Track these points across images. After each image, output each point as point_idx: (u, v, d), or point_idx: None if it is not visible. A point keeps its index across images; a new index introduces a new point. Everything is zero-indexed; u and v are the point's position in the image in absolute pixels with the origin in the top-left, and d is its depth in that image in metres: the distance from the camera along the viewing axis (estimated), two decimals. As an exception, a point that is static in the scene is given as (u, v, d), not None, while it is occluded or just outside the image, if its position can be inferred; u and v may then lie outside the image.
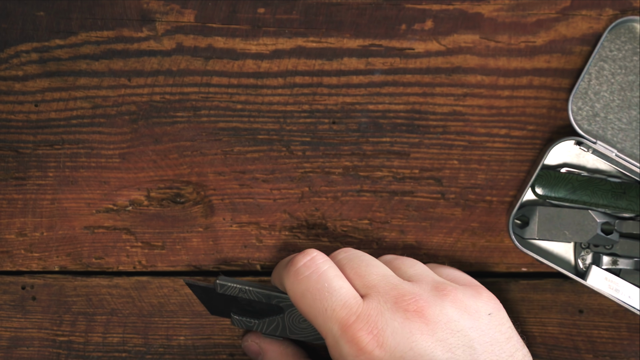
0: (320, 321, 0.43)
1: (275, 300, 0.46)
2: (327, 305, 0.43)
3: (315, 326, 0.44)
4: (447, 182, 0.57)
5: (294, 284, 0.44)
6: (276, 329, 0.47)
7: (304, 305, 0.43)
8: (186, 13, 0.55)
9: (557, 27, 0.56)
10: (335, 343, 0.42)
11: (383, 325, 0.42)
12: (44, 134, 0.56)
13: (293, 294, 0.44)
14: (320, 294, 0.43)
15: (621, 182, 0.56)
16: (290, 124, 0.57)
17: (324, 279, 0.44)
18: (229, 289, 0.46)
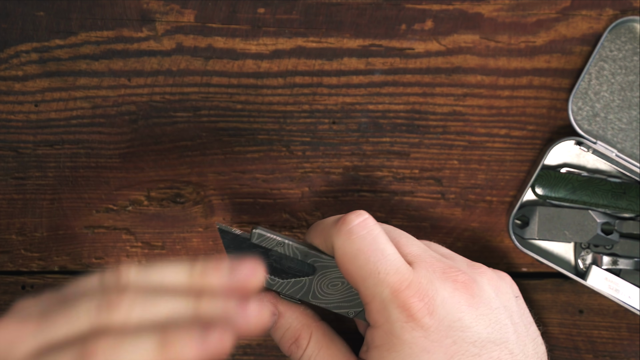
0: (369, 283, 0.42)
1: (312, 259, 0.44)
2: (381, 268, 0.43)
3: (361, 288, 0.43)
4: (447, 182, 0.57)
5: (347, 242, 0.43)
6: (299, 291, 0.45)
7: (353, 265, 0.43)
8: (186, 13, 0.55)
9: (557, 27, 0.56)
10: (383, 307, 0.42)
11: (434, 294, 0.43)
12: (44, 134, 0.56)
13: (343, 252, 0.43)
14: (375, 256, 0.43)
15: (621, 182, 0.56)
16: (290, 124, 0.57)
17: (379, 242, 0.43)
18: (266, 240, 0.43)
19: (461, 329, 0.43)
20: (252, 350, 0.58)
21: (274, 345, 0.58)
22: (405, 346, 0.42)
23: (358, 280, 0.43)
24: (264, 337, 0.58)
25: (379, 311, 0.42)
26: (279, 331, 0.47)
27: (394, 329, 0.42)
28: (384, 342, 0.42)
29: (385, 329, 0.42)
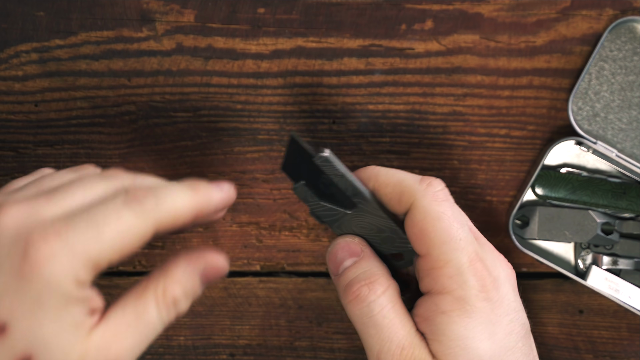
0: (447, 248, 0.43)
1: (358, 200, 0.44)
2: (462, 236, 0.43)
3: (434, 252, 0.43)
4: (447, 182, 0.57)
5: (432, 203, 0.43)
6: (328, 216, 0.45)
7: (434, 227, 0.43)
8: (186, 13, 0.55)
9: (557, 27, 0.56)
10: (459, 273, 0.43)
11: (498, 273, 0.44)
12: (44, 134, 0.56)
13: (427, 212, 0.43)
14: (457, 223, 0.43)
15: (621, 182, 0.56)
16: (290, 124, 0.57)
17: (459, 211, 0.44)
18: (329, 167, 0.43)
19: (515, 310, 0.44)
20: (252, 350, 0.58)
21: (274, 345, 0.58)
22: (477, 314, 0.43)
23: (435, 243, 0.43)
24: (263, 338, 0.58)
25: (453, 277, 0.43)
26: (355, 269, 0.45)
27: (469, 295, 0.43)
28: (454, 308, 0.43)
29: (457, 294, 0.43)
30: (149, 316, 0.43)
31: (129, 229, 0.41)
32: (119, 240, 0.41)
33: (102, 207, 0.41)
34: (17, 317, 0.40)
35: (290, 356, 0.59)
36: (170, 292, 0.43)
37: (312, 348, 0.58)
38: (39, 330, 0.40)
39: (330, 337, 0.58)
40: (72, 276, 0.40)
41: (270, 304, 0.59)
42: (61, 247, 0.40)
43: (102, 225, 0.41)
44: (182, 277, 0.44)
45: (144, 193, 0.42)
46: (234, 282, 0.58)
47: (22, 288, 0.40)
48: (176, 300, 0.43)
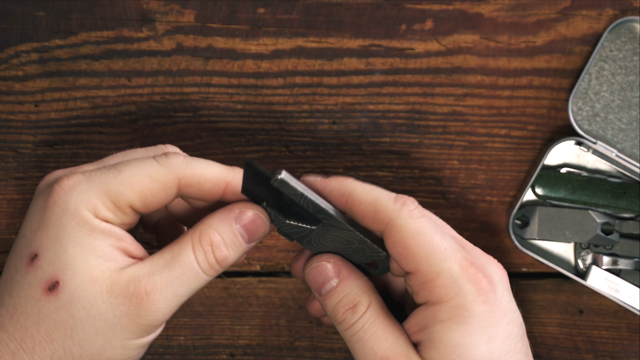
0: (435, 260, 0.43)
1: (322, 216, 0.44)
2: (447, 245, 0.43)
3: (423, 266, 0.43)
4: (447, 182, 0.57)
5: (409, 221, 0.44)
6: (297, 234, 0.45)
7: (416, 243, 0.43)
8: (186, 13, 0.55)
9: (557, 27, 0.56)
10: (453, 282, 0.43)
11: (492, 275, 0.44)
12: (44, 134, 0.56)
13: (406, 230, 0.43)
14: (438, 235, 0.43)
15: (621, 182, 0.56)
16: (290, 124, 0.57)
17: (437, 223, 0.45)
18: (287, 188, 0.42)
19: (512, 310, 0.44)
20: (252, 350, 0.58)
21: (274, 345, 0.58)
22: (476, 319, 0.43)
23: (421, 258, 0.43)
24: (263, 338, 0.58)
25: (447, 286, 0.43)
26: (337, 295, 0.46)
27: (466, 302, 0.43)
28: (451, 316, 0.43)
29: (454, 302, 0.43)
30: (184, 257, 0.44)
31: (149, 174, 0.43)
32: (137, 181, 0.43)
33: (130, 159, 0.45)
34: (45, 246, 0.43)
35: (290, 356, 0.59)
36: (206, 235, 0.45)
37: (312, 348, 0.58)
38: (63, 255, 0.43)
39: (330, 337, 0.58)
40: (89, 206, 0.43)
41: (270, 304, 0.59)
42: (81, 182, 0.43)
43: (123, 167, 0.44)
44: (219, 224, 0.45)
45: (176, 153, 0.45)
46: (234, 282, 0.58)
47: (47, 217, 0.43)
48: (212, 244, 0.44)
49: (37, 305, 0.42)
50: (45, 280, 0.43)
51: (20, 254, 0.44)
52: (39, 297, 0.42)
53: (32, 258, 0.43)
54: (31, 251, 0.43)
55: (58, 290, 0.42)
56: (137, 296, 0.43)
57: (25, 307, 0.43)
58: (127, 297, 0.43)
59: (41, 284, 0.43)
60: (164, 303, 0.43)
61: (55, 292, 0.42)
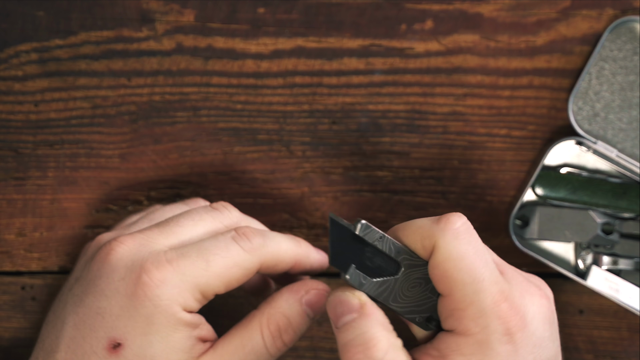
0: (470, 290, 0.42)
1: (402, 257, 0.43)
2: (485, 276, 0.42)
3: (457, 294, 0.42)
4: (447, 182, 0.57)
5: (453, 242, 0.42)
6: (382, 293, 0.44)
7: (456, 268, 0.42)
8: (186, 13, 0.55)
9: (558, 27, 0.56)
10: (481, 316, 0.41)
11: (525, 310, 0.43)
12: (43, 134, 0.56)
13: (448, 252, 0.42)
14: (480, 262, 0.42)
15: (621, 182, 0.55)
16: (290, 124, 0.57)
17: (482, 248, 0.43)
18: (370, 233, 0.43)
19: (542, 347, 0.43)
20: (252, 351, 0.58)
21: (274, 346, 0.58)
22: (497, 358, 0.41)
23: (457, 284, 0.42)
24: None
25: (475, 319, 0.42)
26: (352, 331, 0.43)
27: (491, 340, 0.41)
28: (474, 352, 0.42)
29: (478, 338, 0.42)
30: (253, 343, 0.46)
31: (236, 263, 0.45)
32: (226, 271, 0.45)
33: (212, 241, 0.45)
34: (131, 337, 0.44)
35: (290, 356, 0.58)
36: (274, 321, 0.46)
37: (312, 348, 0.58)
38: (149, 349, 0.44)
39: (330, 337, 0.58)
40: (180, 301, 0.44)
41: (270, 304, 0.58)
42: (172, 274, 0.44)
43: (211, 256, 0.45)
44: (285, 305, 0.47)
45: (253, 232, 0.46)
46: (234, 282, 0.58)
47: (136, 309, 0.44)
48: (280, 329, 0.46)
49: None
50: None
51: (98, 335, 0.44)
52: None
53: (115, 346, 0.44)
54: (113, 337, 0.44)
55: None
56: None
57: None
58: None
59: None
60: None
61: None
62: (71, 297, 0.46)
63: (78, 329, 0.44)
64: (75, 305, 0.45)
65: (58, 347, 0.45)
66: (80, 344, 0.44)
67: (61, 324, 0.45)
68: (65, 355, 0.44)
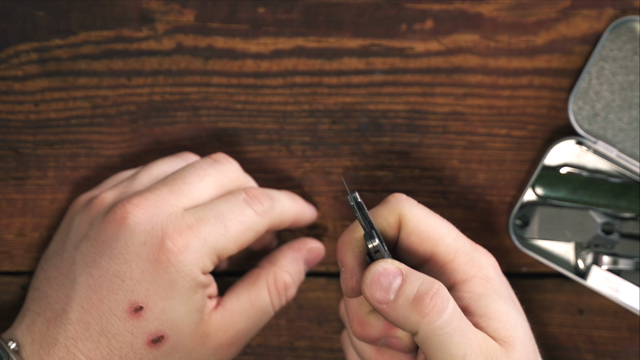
0: (449, 239, 0.44)
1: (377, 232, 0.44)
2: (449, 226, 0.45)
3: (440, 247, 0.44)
4: (447, 182, 0.57)
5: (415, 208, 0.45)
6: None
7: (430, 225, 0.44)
8: (186, 13, 0.55)
9: (558, 27, 0.56)
10: (471, 258, 0.44)
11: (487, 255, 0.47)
12: (43, 134, 0.56)
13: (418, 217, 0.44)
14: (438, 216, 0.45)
15: (622, 182, 0.55)
16: (290, 124, 0.57)
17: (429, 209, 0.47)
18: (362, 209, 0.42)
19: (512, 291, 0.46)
20: (252, 350, 0.58)
21: (274, 345, 0.58)
22: (503, 289, 0.44)
23: (437, 240, 0.44)
24: (263, 338, 0.58)
25: (468, 262, 0.44)
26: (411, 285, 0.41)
27: (489, 274, 0.44)
28: (487, 288, 0.44)
29: (482, 275, 0.44)
30: (262, 302, 0.49)
31: (250, 227, 0.48)
32: (241, 235, 0.47)
33: (227, 204, 0.48)
34: (153, 300, 0.45)
35: (290, 356, 0.59)
36: (281, 279, 0.50)
37: (312, 348, 0.58)
38: (171, 312, 0.45)
39: (330, 337, 0.58)
40: (201, 265, 0.46)
41: (270, 304, 0.59)
42: (194, 240, 0.46)
43: (229, 221, 0.47)
44: (290, 265, 0.51)
45: (262, 195, 0.49)
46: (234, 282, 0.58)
47: (159, 274, 0.45)
48: (286, 286, 0.50)
49: (137, 353, 0.45)
50: (149, 333, 0.45)
51: (117, 298, 0.45)
52: (140, 346, 0.45)
53: (136, 309, 0.45)
54: (134, 301, 0.45)
55: (161, 344, 0.45)
56: (223, 346, 0.48)
57: (125, 352, 0.45)
58: (216, 347, 0.47)
59: (144, 336, 0.45)
60: (244, 343, 0.49)
61: (159, 345, 0.45)
62: (80, 255, 0.47)
63: (94, 290, 0.45)
64: (87, 266, 0.46)
65: (70, 307, 0.45)
66: (96, 305, 0.45)
67: (71, 283, 0.46)
68: (80, 316, 0.45)
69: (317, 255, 0.53)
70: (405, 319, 0.40)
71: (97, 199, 0.49)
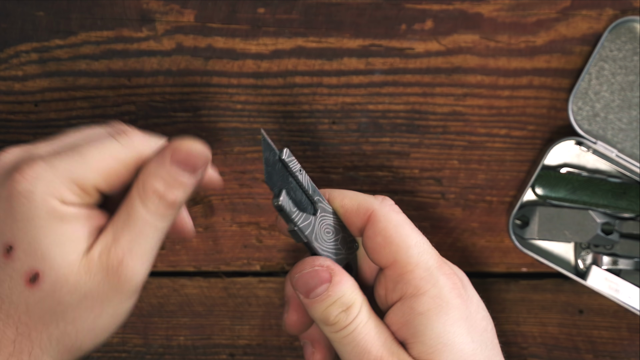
0: (414, 251, 0.44)
1: (317, 198, 0.45)
2: (422, 241, 0.45)
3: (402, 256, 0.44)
4: (447, 182, 0.57)
5: (391, 212, 0.45)
6: (308, 227, 0.45)
7: (397, 233, 0.44)
8: (186, 13, 0.55)
9: (557, 27, 0.56)
10: (430, 274, 0.44)
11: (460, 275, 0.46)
12: (43, 134, 0.56)
13: (388, 220, 0.45)
14: (415, 230, 0.45)
15: (621, 182, 0.55)
16: (290, 124, 0.57)
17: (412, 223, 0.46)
18: (293, 162, 0.44)
19: (484, 309, 0.45)
20: (252, 350, 0.58)
21: (274, 345, 0.58)
22: (454, 310, 0.43)
23: (401, 248, 0.44)
24: (263, 338, 0.58)
25: (424, 277, 0.44)
26: (331, 298, 0.45)
27: (443, 293, 0.44)
28: (431, 307, 0.43)
29: (432, 293, 0.44)
30: (137, 212, 0.44)
31: (111, 154, 0.44)
32: (101, 163, 0.44)
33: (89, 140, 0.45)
34: (19, 237, 0.43)
35: (290, 356, 0.59)
36: (149, 185, 0.45)
37: (312, 348, 0.58)
38: (37, 246, 0.43)
39: (330, 337, 0.58)
40: (57, 195, 0.43)
41: (270, 304, 0.59)
42: (44, 169, 0.43)
43: (84, 149, 0.44)
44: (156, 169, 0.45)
45: (132, 130, 0.45)
46: (234, 282, 0.58)
47: (15, 209, 0.43)
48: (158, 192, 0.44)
49: (23, 296, 0.43)
50: (24, 272, 0.43)
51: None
52: (22, 288, 0.43)
53: (8, 250, 0.43)
54: (5, 242, 0.43)
55: (40, 281, 0.43)
56: (111, 267, 0.43)
57: (12, 297, 0.43)
58: (104, 271, 0.43)
59: (21, 276, 0.43)
60: (138, 263, 0.44)
61: (38, 283, 0.43)
62: None
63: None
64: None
65: None
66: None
67: None
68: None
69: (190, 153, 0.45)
70: (316, 319, 0.45)
71: None
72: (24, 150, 0.45)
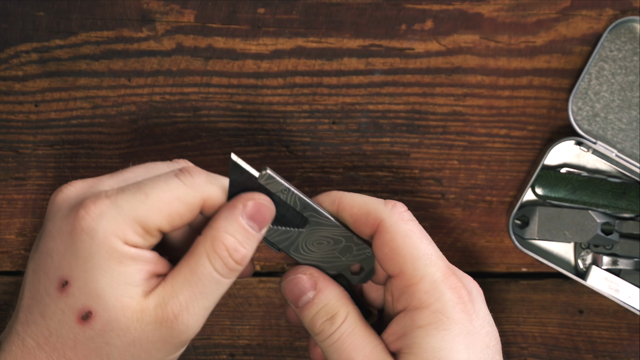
0: (421, 264, 0.44)
1: (309, 214, 0.45)
2: (432, 252, 0.44)
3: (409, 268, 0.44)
4: (447, 182, 0.57)
5: (400, 222, 0.45)
6: (283, 241, 0.45)
7: (405, 244, 0.44)
8: (186, 13, 0.55)
9: (557, 27, 0.56)
10: (434, 288, 0.44)
11: (470, 287, 0.45)
12: (44, 134, 0.56)
13: (396, 230, 0.44)
14: (426, 239, 0.45)
15: (621, 182, 0.56)
16: (290, 124, 0.57)
17: (422, 229, 0.46)
18: (273, 184, 0.44)
19: (490, 324, 0.45)
20: (252, 350, 0.58)
21: (274, 345, 0.58)
22: (455, 325, 0.43)
23: (407, 260, 0.44)
24: (263, 338, 0.58)
25: (428, 291, 0.44)
26: (315, 307, 0.46)
27: (446, 308, 0.43)
28: (431, 321, 0.43)
29: (434, 308, 0.43)
30: (202, 270, 0.44)
31: (176, 196, 0.43)
32: (166, 205, 0.43)
33: (154, 178, 0.44)
34: (76, 274, 0.43)
35: (290, 356, 0.59)
36: (218, 242, 0.44)
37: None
38: (94, 285, 0.42)
39: (330, 337, 0.58)
40: (120, 234, 0.43)
41: (270, 304, 0.59)
42: (109, 207, 0.43)
43: (149, 189, 0.43)
44: (227, 224, 0.44)
45: (197, 170, 0.45)
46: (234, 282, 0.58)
47: (76, 245, 0.43)
48: (228, 248, 0.44)
49: (72, 332, 0.43)
50: (78, 309, 0.43)
51: (49, 276, 0.44)
52: (72, 324, 0.43)
53: (63, 284, 0.43)
54: (61, 276, 0.43)
55: (91, 320, 0.43)
56: (166, 320, 0.43)
57: (61, 331, 0.43)
58: (158, 322, 0.43)
59: (74, 312, 0.43)
60: (193, 319, 0.44)
61: (89, 321, 0.43)
62: (34, 245, 0.46)
63: (35, 273, 0.44)
64: (33, 252, 0.45)
65: (23, 294, 0.45)
66: (37, 287, 0.44)
67: (25, 272, 0.45)
68: (29, 301, 0.44)
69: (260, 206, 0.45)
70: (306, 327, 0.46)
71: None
72: (88, 184, 0.45)
